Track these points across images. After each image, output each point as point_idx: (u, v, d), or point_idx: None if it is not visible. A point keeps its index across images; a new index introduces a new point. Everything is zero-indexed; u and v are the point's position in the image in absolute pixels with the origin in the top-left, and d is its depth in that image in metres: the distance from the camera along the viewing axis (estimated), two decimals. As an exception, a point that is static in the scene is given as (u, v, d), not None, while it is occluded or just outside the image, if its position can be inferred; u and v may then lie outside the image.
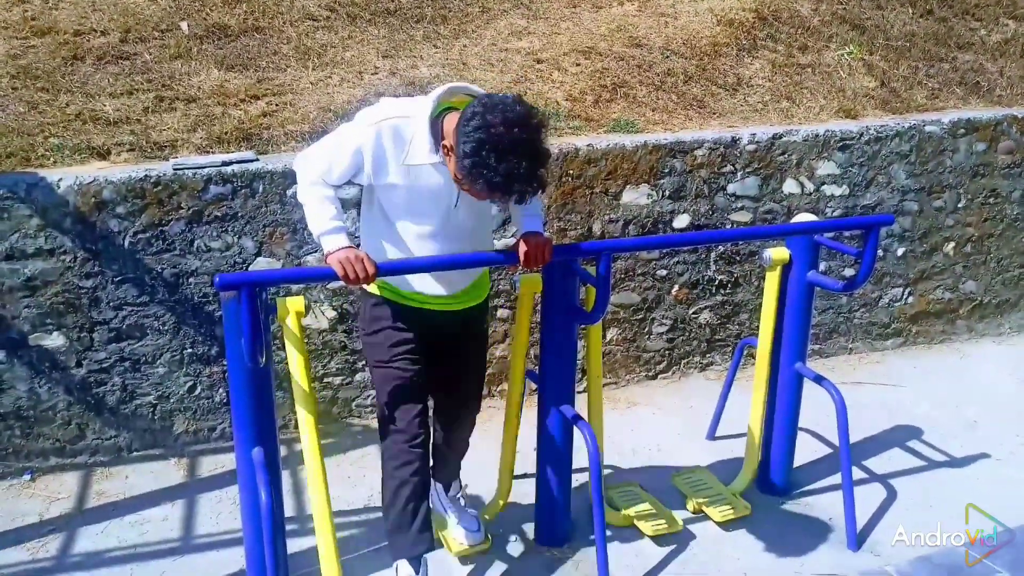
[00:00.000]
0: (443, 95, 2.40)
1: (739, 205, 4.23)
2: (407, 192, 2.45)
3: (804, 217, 3.44)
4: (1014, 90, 5.06)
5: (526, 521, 3.20)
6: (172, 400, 3.62)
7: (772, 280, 3.24)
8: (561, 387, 2.95)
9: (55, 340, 3.41)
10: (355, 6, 4.82)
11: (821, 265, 3.51)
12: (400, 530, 2.71)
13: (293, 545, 2.95)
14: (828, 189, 4.37)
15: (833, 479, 3.51)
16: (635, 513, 3.21)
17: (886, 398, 4.27)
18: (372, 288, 2.67)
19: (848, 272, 4.48)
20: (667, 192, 4.09)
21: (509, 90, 4.24)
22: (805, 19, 5.33)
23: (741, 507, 3.30)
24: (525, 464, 3.38)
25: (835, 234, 3.59)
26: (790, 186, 4.30)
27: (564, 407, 2.94)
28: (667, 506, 3.29)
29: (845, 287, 3.19)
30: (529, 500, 3.18)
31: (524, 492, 3.26)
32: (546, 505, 3.09)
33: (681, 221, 4.16)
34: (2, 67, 3.94)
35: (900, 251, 4.62)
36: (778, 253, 3.18)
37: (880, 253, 4.51)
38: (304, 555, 3.04)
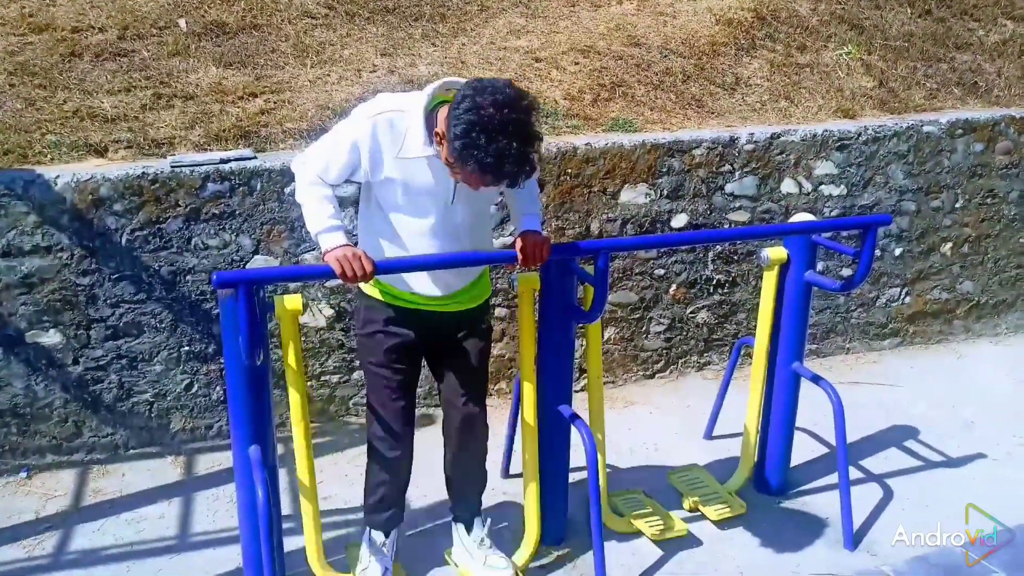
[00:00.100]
0: (438, 89, 2.41)
1: (737, 205, 4.23)
2: (403, 187, 2.44)
3: (802, 217, 3.45)
4: (1012, 91, 5.07)
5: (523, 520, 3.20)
6: (169, 398, 3.62)
7: (770, 280, 3.25)
8: (559, 386, 2.95)
9: (52, 337, 3.41)
10: (354, 4, 4.81)
11: (819, 265, 3.52)
12: (375, 513, 2.90)
13: (289, 543, 2.94)
14: (826, 189, 4.37)
15: (830, 479, 3.51)
16: (639, 519, 3.17)
17: (883, 398, 4.28)
18: (367, 289, 2.67)
19: (845, 272, 4.49)
20: (665, 191, 4.09)
21: (507, 89, 4.23)
22: (803, 19, 5.34)
23: (737, 506, 3.31)
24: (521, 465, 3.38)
25: (833, 234, 3.59)
26: (788, 186, 4.30)
27: (562, 406, 2.94)
28: (664, 505, 3.29)
29: (842, 287, 3.19)
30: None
31: (522, 491, 3.25)
32: (543, 504, 3.08)
33: (679, 220, 4.16)
34: (0, 64, 3.94)
35: (897, 251, 4.63)
36: (776, 253, 3.18)
37: (877, 253, 4.51)
38: (300, 553, 3.03)
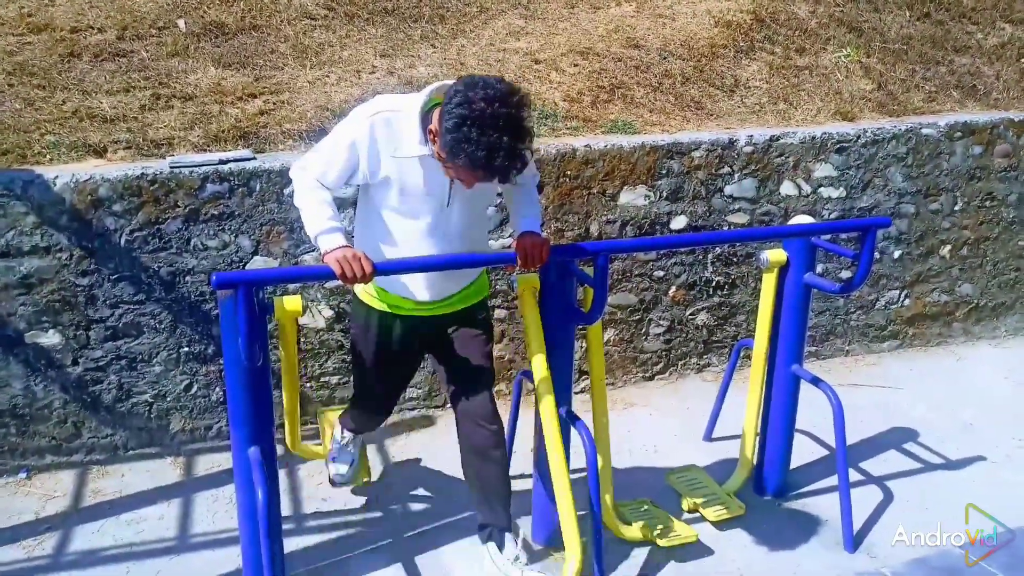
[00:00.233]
0: (435, 91, 2.41)
1: (736, 207, 4.23)
2: (398, 187, 2.45)
3: (801, 219, 3.44)
4: (1010, 93, 5.08)
5: (523, 519, 3.19)
6: (168, 399, 3.61)
7: (769, 282, 3.25)
8: (558, 388, 2.94)
9: (51, 338, 3.40)
10: (353, 5, 4.82)
11: (818, 267, 3.52)
12: (349, 427, 3.22)
13: (289, 544, 2.94)
14: (825, 191, 4.37)
15: (830, 480, 3.51)
16: (648, 527, 3.14)
17: (882, 400, 4.28)
18: (360, 295, 2.69)
19: (845, 274, 4.49)
20: (664, 193, 4.09)
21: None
22: (803, 21, 5.34)
23: (735, 507, 3.30)
24: (523, 463, 3.38)
25: (832, 236, 3.60)
26: (787, 188, 4.30)
27: (561, 408, 2.93)
28: (662, 506, 3.29)
29: (842, 289, 3.19)
30: (526, 499, 3.17)
31: (522, 490, 3.24)
32: (543, 505, 3.08)
33: (678, 222, 4.16)
34: (-1, 64, 3.93)
35: (897, 253, 4.63)
36: (775, 255, 3.18)
37: (877, 255, 4.51)
38: (300, 554, 3.04)
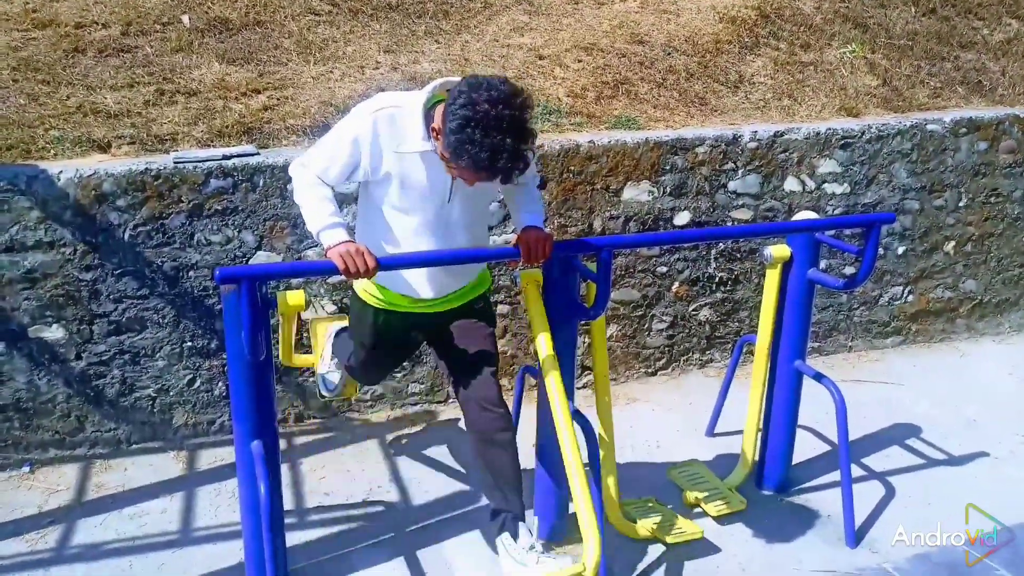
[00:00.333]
0: (437, 88, 2.42)
1: (740, 203, 4.23)
2: (400, 183, 2.45)
3: (805, 215, 3.44)
4: (1016, 90, 5.06)
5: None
6: (171, 393, 3.62)
7: (772, 277, 3.24)
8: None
9: (55, 332, 3.41)
10: (357, 0, 4.81)
11: (822, 263, 3.51)
12: (345, 371, 3.19)
13: (291, 538, 2.95)
14: (829, 187, 4.36)
15: (832, 476, 3.51)
16: (653, 525, 3.13)
17: (885, 396, 4.27)
18: (359, 292, 2.69)
19: (849, 270, 4.48)
20: (668, 189, 4.09)
21: (510, 86, 4.23)
22: (807, 17, 5.33)
23: (737, 502, 3.31)
24: (525, 460, 3.38)
25: (836, 232, 3.58)
26: (791, 184, 4.30)
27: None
28: (664, 501, 3.29)
29: (845, 285, 3.19)
30: (528, 495, 3.17)
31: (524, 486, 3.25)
32: (545, 500, 3.09)
33: (682, 218, 4.15)
34: (3, 59, 3.93)
35: (901, 249, 4.62)
36: (779, 251, 3.17)
37: (881, 251, 4.50)
38: (302, 549, 3.05)
